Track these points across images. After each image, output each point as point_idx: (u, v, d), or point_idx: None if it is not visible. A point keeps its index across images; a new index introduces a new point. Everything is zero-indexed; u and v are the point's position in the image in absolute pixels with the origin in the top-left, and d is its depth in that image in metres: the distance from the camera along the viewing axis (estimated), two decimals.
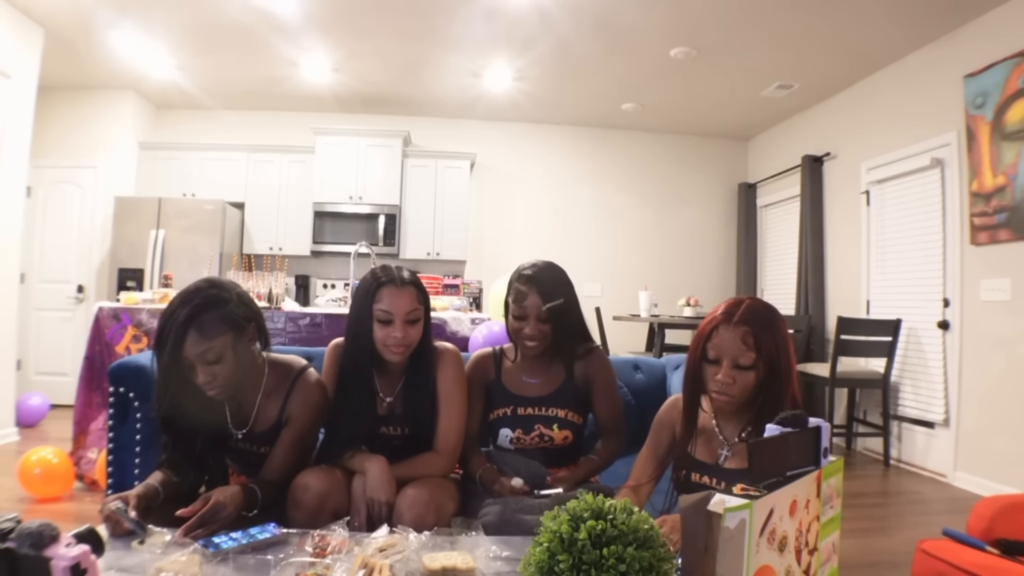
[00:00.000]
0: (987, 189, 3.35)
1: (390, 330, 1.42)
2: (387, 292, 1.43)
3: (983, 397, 3.39)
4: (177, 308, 1.27)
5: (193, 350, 1.26)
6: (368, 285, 1.46)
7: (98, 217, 4.96)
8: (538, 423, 1.61)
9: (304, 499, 1.32)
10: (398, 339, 1.42)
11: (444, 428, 1.50)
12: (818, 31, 3.78)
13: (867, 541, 2.59)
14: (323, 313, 3.00)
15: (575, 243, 5.90)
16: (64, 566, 0.79)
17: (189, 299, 1.28)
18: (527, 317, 1.56)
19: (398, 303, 1.43)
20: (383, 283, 1.44)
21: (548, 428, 1.60)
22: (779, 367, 1.19)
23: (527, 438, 1.61)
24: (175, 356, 1.26)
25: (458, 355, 1.57)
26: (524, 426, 1.61)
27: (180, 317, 1.25)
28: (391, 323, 1.43)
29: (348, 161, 5.30)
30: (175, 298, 1.31)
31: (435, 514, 1.32)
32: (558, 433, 1.61)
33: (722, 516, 0.70)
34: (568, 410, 1.62)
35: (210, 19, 3.86)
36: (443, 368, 1.53)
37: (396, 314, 1.42)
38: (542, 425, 1.61)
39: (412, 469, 1.43)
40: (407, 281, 1.46)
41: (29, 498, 2.75)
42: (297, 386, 1.44)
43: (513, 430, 1.62)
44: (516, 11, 3.68)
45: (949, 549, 1.39)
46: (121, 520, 1.13)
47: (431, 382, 1.52)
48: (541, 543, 0.84)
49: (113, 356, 2.85)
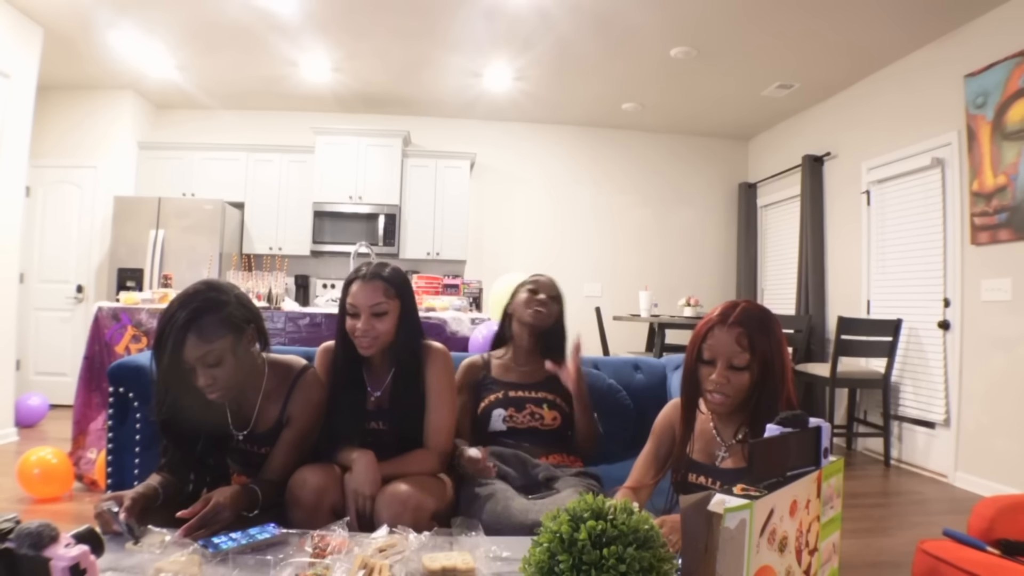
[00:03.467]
0: (988, 189, 3.35)
1: (356, 322, 1.48)
2: (355, 286, 1.50)
3: (984, 397, 3.39)
4: (176, 311, 1.26)
5: (193, 353, 1.25)
6: (345, 281, 1.54)
7: (97, 217, 4.96)
8: (529, 403, 1.75)
9: (302, 495, 1.33)
10: (362, 331, 1.47)
11: (435, 425, 1.53)
12: (818, 31, 3.78)
13: (867, 541, 2.59)
14: (323, 313, 3.00)
15: (575, 243, 5.90)
16: (63, 566, 0.78)
17: (187, 302, 1.27)
18: (539, 293, 1.83)
19: (362, 296, 1.48)
20: (353, 278, 1.52)
21: (539, 407, 1.75)
22: (773, 368, 1.21)
23: (519, 416, 1.74)
24: (175, 359, 1.26)
25: (447, 354, 1.61)
26: (516, 405, 1.75)
27: (179, 321, 1.24)
28: (357, 316, 1.48)
29: (348, 161, 5.30)
30: (173, 301, 1.31)
31: (412, 513, 1.31)
32: (548, 412, 1.74)
33: (722, 516, 0.70)
34: (556, 395, 1.77)
35: (210, 19, 3.86)
36: (432, 366, 1.56)
37: (361, 307, 1.48)
38: (533, 405, 1.75)
39: (403, 466, 1.44)
40: (375, 275, 1.51)
41: (28, 498, 2.75)
42: (298, 386, 1.45)
43: (506, 409, 1.74)
44: (516, 11, 3.68)
45: (950, 549, 1.38)
46: (110, 521, 1.13)
47: (419, 379, 1.54)
48: (541, 543, 0.84)
49: (112, 356, 2.84)
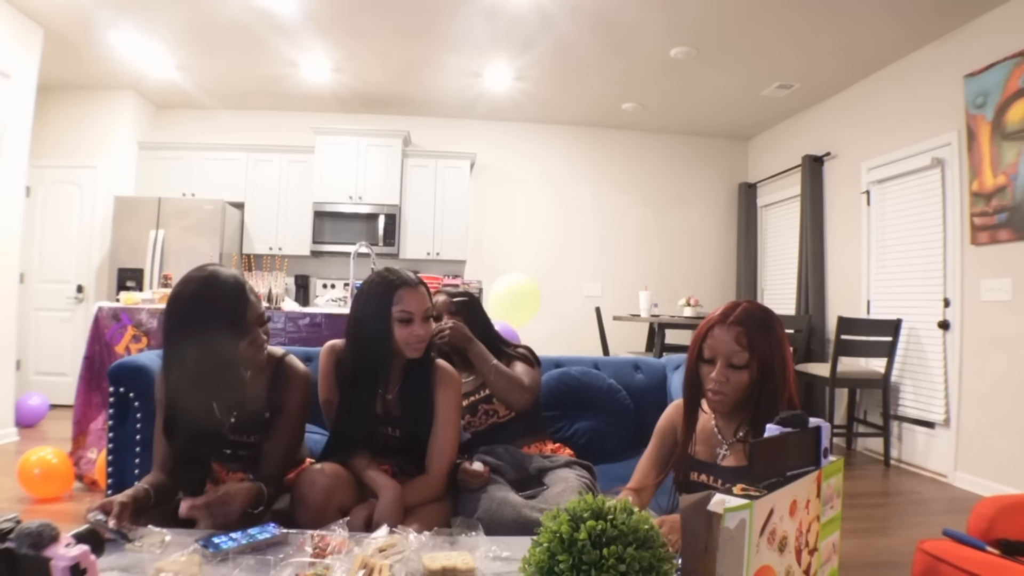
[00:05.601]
0: (987, 189, 3.35)
1: (412, 328, 1.48)
2: (405, 293, 1.49)
3: (983, 397, 3.39)
4: (223, 277, 1.36)
5: (254, 312, 1.38)
6: (382, 287, 1.50)
7: (98, 217, 4.96)
8: (480, 404, 1.81)
9: (310, 495, 1.33)
10: (421, 336, 1.49)
11: (439, 449, 1.53)
12: (818, 31, 3.78)
13: (867, 541, 2.59)
14: (323, 313, 3.00)
15: (575, 243, 5.90)
16: (64, 566, 0.78)
17: (222, 271, 1.39)
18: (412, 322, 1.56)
19: (417, 303, 1.50)
20: (398, 284, 1.49)
21: (489, 404, 1.80)
22: (773, 368, 1.21)
23: (476, 420, 1.81)
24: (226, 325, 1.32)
25: (459, 379, 1.62)
26: (470, 412, 1.80)
27: (235, 284, 1.36)
28: (411, 322, 1.48)
29: (348, 161, 5.30)
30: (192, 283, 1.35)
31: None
32: (498, 405, 1.80)
33: (722, 516, 0.70)
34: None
35: (210, 19, 3.86)
36: (445, 390, 1.56)
37: (416, 313, 1.49)
38: (484, 404, 1.80)
39: (408, 496, 1.44)
40: (419, 282, 1.55)
41: (29, 498, 2.75)
42: (284, 374, 1.47)
43: (463, 418, 1.77)
44: (516, 11, 3.68)
45: (949, 549, 1.38)
46: (101, 531, 1.12)
47: (428, 386, 1.55)
48: (541, 543, 0.84)
49: (113, 356, 2.84)
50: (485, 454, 1.68)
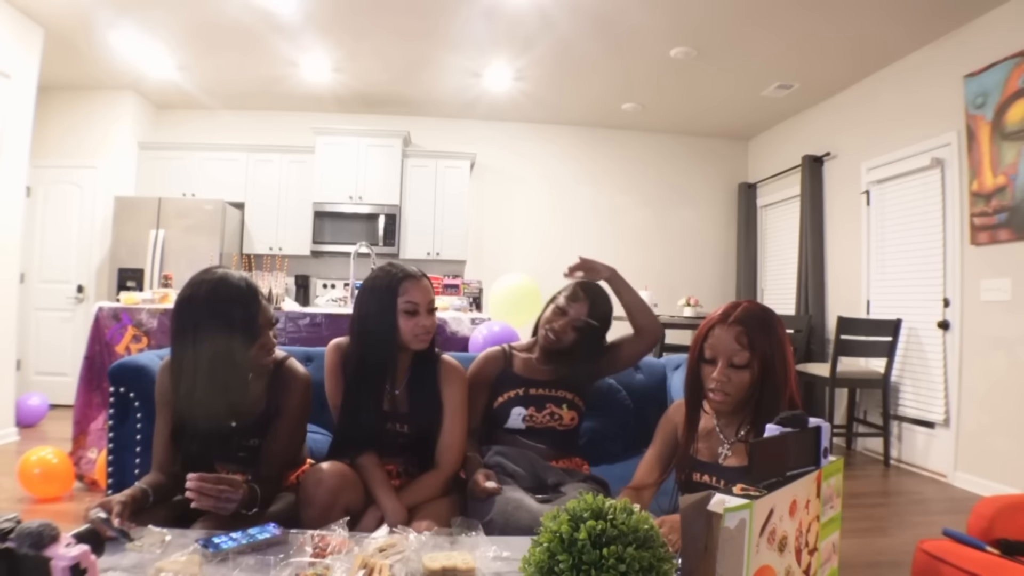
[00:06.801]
0: (987, 189, 3.35)
1: (418, 319, 1.50)
2: (410, 285, 1.51)
3: (983, 397, 3.39)
4: (237, 279, 1.38)
5: (267, 314, 1.40)
6: (387, 281, 1.51)
7: (98, 217, 4.96)
8: (549, 402, 1.73)
9: (316, 494, 1.32)
10: (426, 327, 1.51)
11: (447, 443, 1.53)
12: (818, 31, 3.78)
13: (867, 541, 2.59)
14: (323, 313, 3.00)
15: (575, 243, 5.88)
16: (64, 566, 0.79)
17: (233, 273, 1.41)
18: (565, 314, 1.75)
19: (420, 294, 1.51)
20: (403, 277, 1.52)
21: (558, 407, 1.73)
22: (774, 367, 1.21)
23: (539, 415, 1.72)
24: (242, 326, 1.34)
25: (464, 372, 1.63)
26: (536, 404, 1.72)
27: (249, 286, 1.38)
28: (417, 313, 1.50)
29: (348, 161, 5.30)
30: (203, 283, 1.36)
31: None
32: (567, 412, 1.73)
33: (722, 516, 0.70)
34: (575, 394, 1.76)
35: (210, 19, 3.86)
36: (450, 383, 1.57)
37: (421, 304, 1.51)
38: (552, 404, 1.73)
39: (415, 495, 1.45)
40: (423, 275, 1.56)
41: (29, 498, 2.75)
42: (285, 377, 1.47)
43: (526, 408, 1.71)
44: (516, 11, 3.68)
45: (949, 549, 1.38)
46: (104, 529, 1.12)
47: (434, 381, 1.56)
48: (541, 543, 0.84)
49: (113, 356, 2.84)
50: (502, 455, 1.62)
